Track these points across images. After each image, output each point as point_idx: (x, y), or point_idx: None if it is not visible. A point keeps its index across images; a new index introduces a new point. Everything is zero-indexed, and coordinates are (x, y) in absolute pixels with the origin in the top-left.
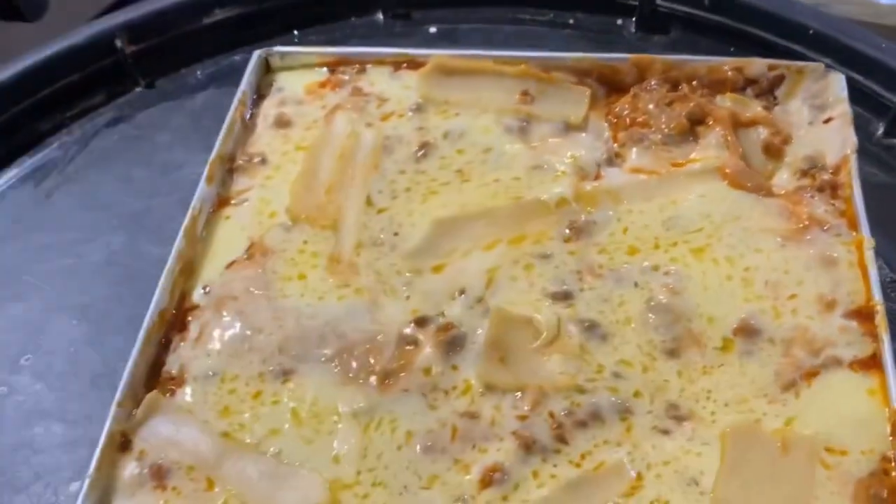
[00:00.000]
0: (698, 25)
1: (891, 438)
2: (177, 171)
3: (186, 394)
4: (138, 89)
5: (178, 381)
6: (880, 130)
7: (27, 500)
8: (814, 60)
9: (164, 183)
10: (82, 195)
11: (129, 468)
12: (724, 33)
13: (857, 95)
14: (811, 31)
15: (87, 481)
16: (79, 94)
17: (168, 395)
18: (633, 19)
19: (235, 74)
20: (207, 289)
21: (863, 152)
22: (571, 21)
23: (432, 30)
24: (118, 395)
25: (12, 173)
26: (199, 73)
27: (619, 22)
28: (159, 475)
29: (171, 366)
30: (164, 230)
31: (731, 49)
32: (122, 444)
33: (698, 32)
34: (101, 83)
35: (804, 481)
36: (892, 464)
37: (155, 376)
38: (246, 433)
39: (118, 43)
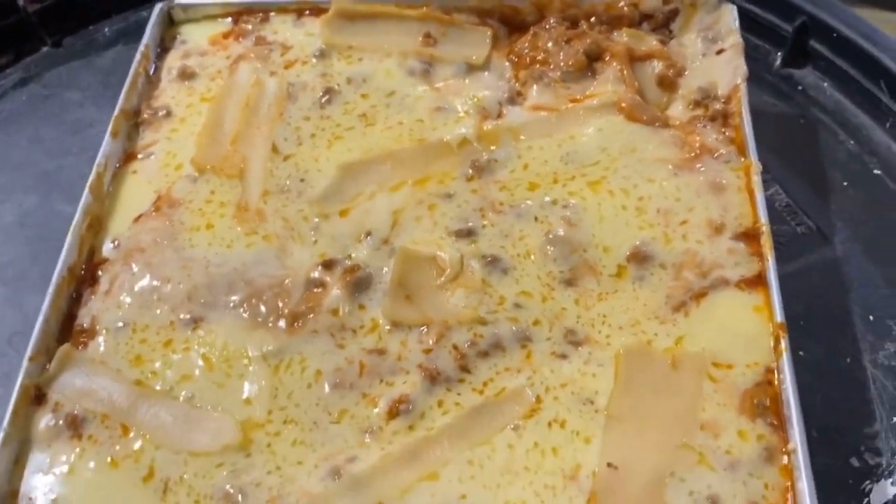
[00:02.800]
0: None
1: (773, 351)
2: (87, 129)
3: (98, 345)
4: (45, 48)
5: (90, 333)
6: (778, 61)
7: None
8: None
9: (75, 141)
10: None
11: (45, 420)
12: None
13: (756, 27)
14: None
15: (0, 435)
16: None
17: (80, 347)
18: None
19: (144, 30)
20: (116, 242)
21: (761, 83)
22: None
23: None
24: (29, 350)
25: None
26: (106, 29)
27: None
28: (74, 425)
29: (83, 319)
30: (76, 189)
31: None
32: (36, 397)
33: None
34: (6, 43)
35: (693, 395)
36: (775, 374)
37: (67, 330)
38: (158, 380)
39: (20, 1)
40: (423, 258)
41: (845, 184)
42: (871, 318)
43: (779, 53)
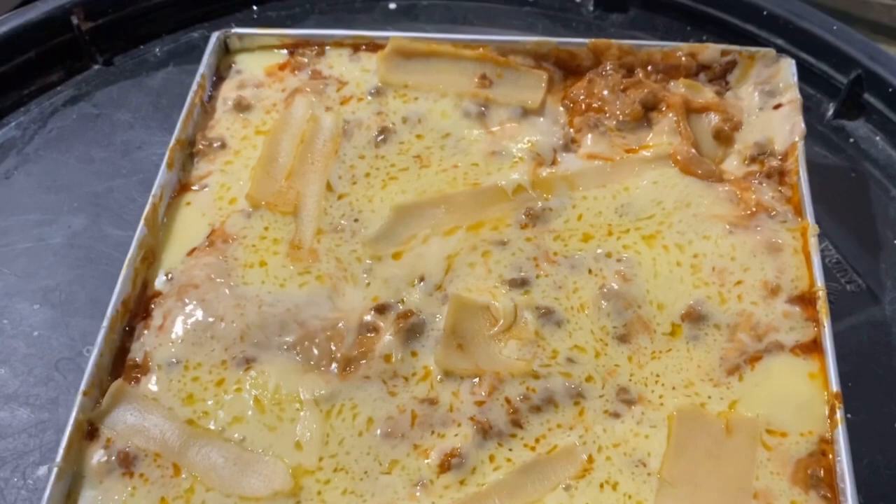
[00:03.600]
0: (655, 3)
1: (828, 420)
2: (137, 151)
3: (151, 382)
4: (96, 67)
5: (143, 368)
6: (830, 112)
7: None
8: (767, 41)
9: (125, 163)
10: (42, 176)
11: (97, 456)
12: (681, 12)
13: (809, 77)
14: (764, 13)
15: (54, 470)
16: (36, 72)
17: (133, 382)
18: None
19: (195, 51)
20: (170, 276)
21: (812, 133)
22: None
23: (392, 6)
24: (83, 385)
25: None
26: (157, 50)
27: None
28: (126, 462)
29: (136, 353)
30: (125, 212)
31: (688, 28)
32: (89, 432)
33: (655, 11)
34: (58, 61)
35: (746, 462)
36: (830, 445)
37: (119, 364)
38: (210, 420)
39: (74, 19)
40: (477, 307)
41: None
42: None
43: (831, 104)
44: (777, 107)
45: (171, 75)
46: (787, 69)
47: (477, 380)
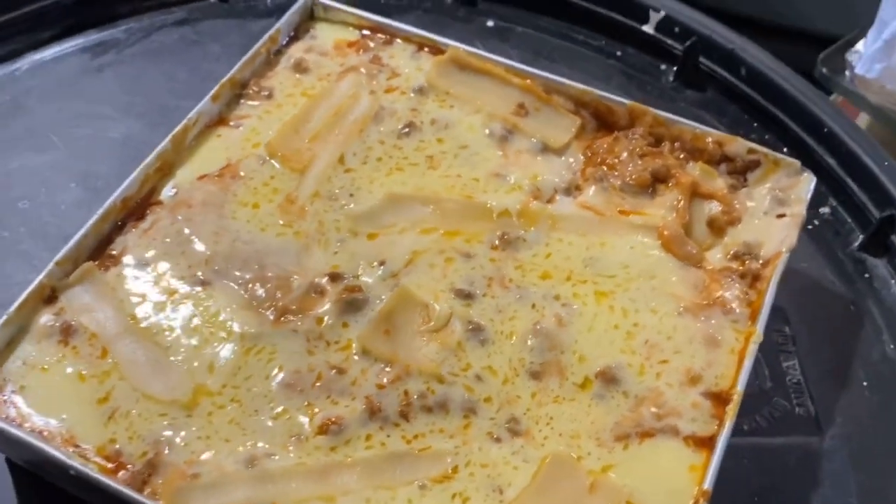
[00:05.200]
0: (731, 92)
1: None
2: (215, 83)
3: (117, 273)
4: (212, 0)
5: (115, 260)
6: (857, 242)
7: None
8: (821, 156)
9: (200, 90)
10: (127, 78)
11: (45, 319)
12: (752, 106)
13: (848, 203)
14: (825, 129)
15: (3, 317)
16: None
17: (102, 269)
18: (675, 69)
19: None
20: (175, 191)
21: (831, 258)
22: (619, 53)
23: (489, 23)
24: (59, 255)
25: (78, 41)
26: (269, 1)
27: (662, 67)
28: (66, 333)
29: (116, 246)
30: None
31: (755, 123)
32: (49, 297)
33: (730, 99)
34: None
35: None
36: None
37: (101, 250)
38: (149, 322)
39: None
40: (417, 302)
41: (865, 384)
42: None
43: (860, 235)
44: (780, 216)
45: (272, 26)
46: (805, 184)
47: (388, 366)
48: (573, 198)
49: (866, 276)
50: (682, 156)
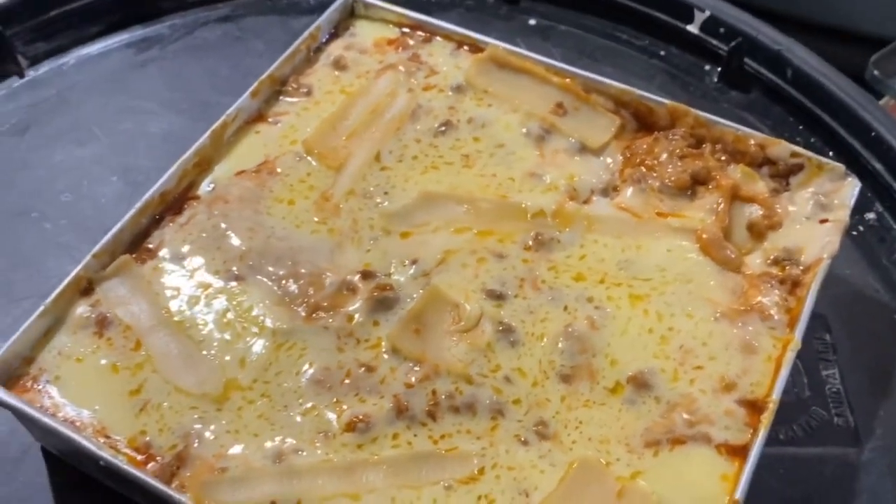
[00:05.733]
0: (777, 94)
1: None
2: (256, 79)
3: (153, 267)
4: None
5: (152, 254)
6: None
7: (16, 312)
8: (867, 160)
9: (243, 86)
10: (170, 74)
11: (81, 310)
12: (798, 109)
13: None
14: (872, 133)
15: (41, 307)
16: None
17: (139, 263)
18: (719, 70)
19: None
20: (212, 186)
21: (875, 265)
22: (663, 53)
23: (532, 22)
24: (96, 248)
25: (123, 37)
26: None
27: (707, 68)
28: (101, 324)
29: (153, 240)
30: None
31: (800, 126)
32: (85, 289)
33: (774, 100)
34: None
35: None
36: None
37: (138, 244)
38: (183, 316)
39: None
40: (448, 302)
41: None
42: None
43: None
44: (823, 221)
45: (314, 23)
46: (849, 189)
47: (417, 366)
48: (610, 199)
49: None
50: (723, 158)
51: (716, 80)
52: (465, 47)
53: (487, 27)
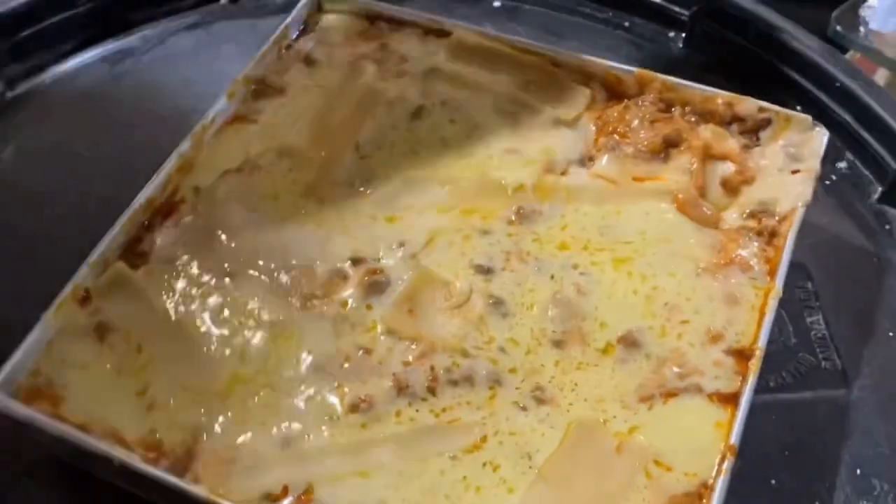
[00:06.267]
0: (741, 55)
1: (716, 468)
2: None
3: (147, 271)
4: (223, 2)
5: (145, 258)
6: (876, 194)
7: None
8: (836, 112)
9: (218, 91)
10: (148, 85)
11: (81, 318)
12: (763, 67)
13: (865, 156)
14: (837, 84)
15: (41, 320)
16: None
17: (133, 268)
18: (683, 35)
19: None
20: (199, 189)
21: (851, 212)
22: (626, 24)
23: (496, 3)
24: (91, 257)
25: (97, 51)
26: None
27: (671, 34)
28: (101, 331)
29: (145, 245)
30: None
31: (767, 85)
32: (83, 298)
33: (740, 61)
34: None
35: (623, 483)
36: (708, 490)
37: (130, 250)
38: (181, 315)
39: None
40: (438, 281)
41: (891, 334)
42: (857, 471)
43: (879, 187)
44: (795, 172)
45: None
46: (818, 139)
47: (413, 344)
48: (587, 168)
49: (887, 227)
50: (692, 119)
51: (681, 45)
52: (434, 33)
53: (454, 12)
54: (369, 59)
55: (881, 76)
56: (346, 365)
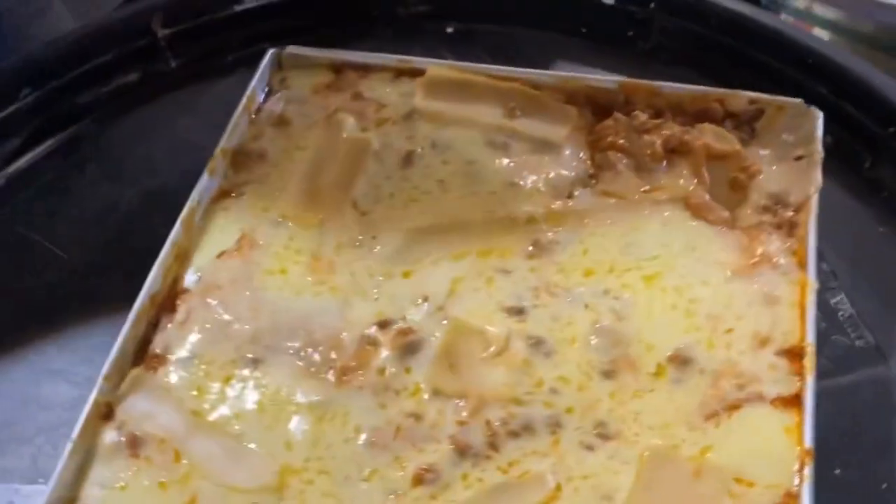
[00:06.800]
0: (705, 43)
1: (797, 475)
2: (199, 152)
3: (167, 373)
4: (169, 70)
5: (161, 360)
6: (867, 163)
7: (30, 451)
8: (811, 88)
9: (186, 164)
10: (112, 170)
11: (110, 436)
12: (729, 54)
13: (849, 127)
14: (810, 61)
15: (69, 445)
16: (115, 72)
17: (151, 372)
18: (643, 33)
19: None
20: (199, 275)
21: (846, 184)
22: (584, 30)
23: (449, 30)
24: (105, 369)
25: (47, 144)
26: (229, 59)
27: (630, 34)
28: (134, 444)
29: (157, 345)
30: (176, 207)
31: (732, 70)
32: (105, 413)
33: (705, 50)
34: (135, 63)
35: None
36: (794, 499)
37: (142, 353)
38: (214, 413)
39: (153, 25)
40: (473, 330)
41: None
42: None
43: (869, 156)
44: (798, 158)
45: (238, 84)
46: (814, 121)
47: (462, 401)
48: (591, 189)
49: (884, 194)
50: (684, 121)
51: (643, 45)
52: (406, 74)
53: (409, 46)
54: (345, 111)
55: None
56: (399, 435)
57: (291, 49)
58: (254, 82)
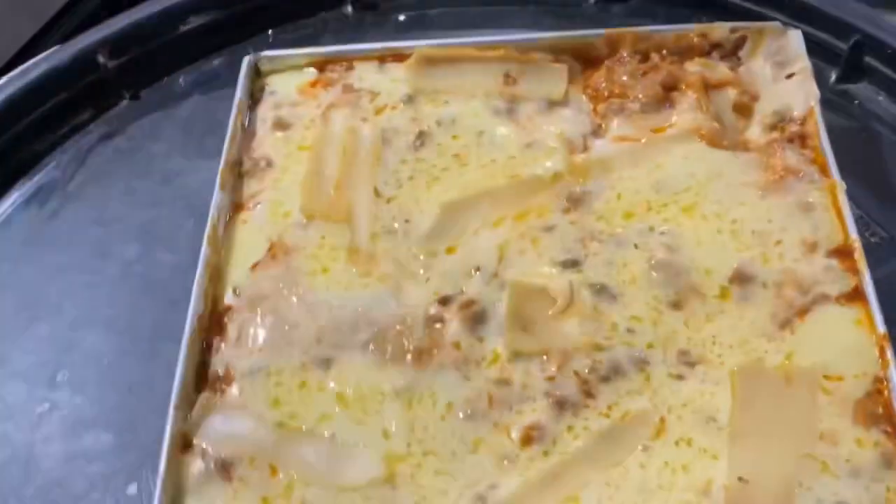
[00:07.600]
0: None
1: (879, 360)
2: (177, 178)
3: (236, 391)
4: (124, 102)
5: (227, 380)
6: (833, 78)
7: None
8: (768, 17)
9: (166, 191)
10: (88, 211)
11: (196, 466)
12: None
13: (811, 46)
14: None
15: (158, 483)
16: (68, 113)
17: (219, 394)
18: None
19: (217, 79)
20: (237, 291)
21: (822, 102)
22: None
23: (401, 17)
24: (174, 400)
25: (14, 196)
26: (181, 80)
27: None
28: (224, 468)
29: (217, 366)
30: (175, 237)
31: (687, 12)
32: (184, 445)
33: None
34: (88, 99)
35: (808, 407)
36: (884, 383)
37: (203, 378)
38: (299, 420)
39: (100, 58)
40: (535, 290)
41: None
42: None
43: (834, 71)
44: (790, 76)
45: (199, 103)
46: (795, 40)
47: (545, 357)
48: (603, 138)
49: (856, 102)
50: (674, 60)
51: (593, 1)
52: (390, 59)
53: (365, 38)
54: (341, 106)
55: None
56: (493, 402)
57: (268, 53)
58: (239, 93)
